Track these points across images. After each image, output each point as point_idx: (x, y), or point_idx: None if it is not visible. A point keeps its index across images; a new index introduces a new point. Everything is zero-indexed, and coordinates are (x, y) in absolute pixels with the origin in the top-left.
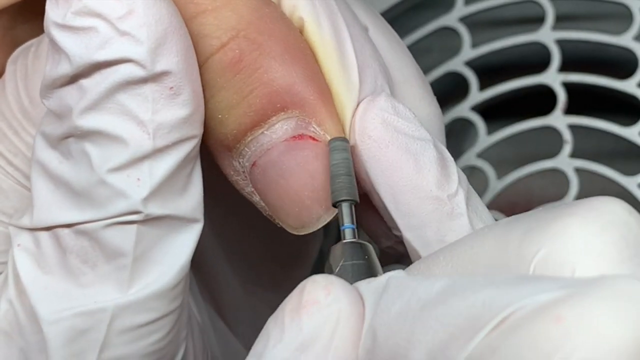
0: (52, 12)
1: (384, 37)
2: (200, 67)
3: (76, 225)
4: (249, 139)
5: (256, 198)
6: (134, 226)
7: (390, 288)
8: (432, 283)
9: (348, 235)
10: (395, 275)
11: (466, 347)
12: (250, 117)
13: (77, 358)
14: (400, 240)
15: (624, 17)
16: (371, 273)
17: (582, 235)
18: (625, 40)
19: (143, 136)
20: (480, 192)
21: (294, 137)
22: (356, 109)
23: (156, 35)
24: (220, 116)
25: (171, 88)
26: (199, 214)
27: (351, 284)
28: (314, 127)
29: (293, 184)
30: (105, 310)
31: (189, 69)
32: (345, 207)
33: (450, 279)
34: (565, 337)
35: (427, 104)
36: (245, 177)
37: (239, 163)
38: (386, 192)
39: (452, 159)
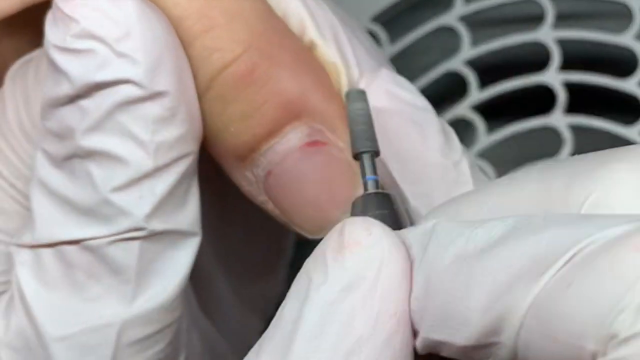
0: (52, 35)
1: None
2: (212, 80)
3: (80, 242)
4: (264, 148)
5: (270, 206)
6: (137, 242)
7: (439, 233)
8: (490, 228)
9: (371, 187)
10: (441, 221)
11: (535, 284)
12: (264, 127)
13: None
14: None
15: (624, 17)
16: (399, 223)
17: (632, 180)
18: (625, 39)
19: (144, 156)
20: None
21: (308, 143)
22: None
23: (153, 56)
24: (233, 129)
25: (169, 108)
26: (197, 227)
27: None
28: (327, 133)
29: (310, 189)
30: (112, 325)
31: (185, 88)
32: (366, 159)
33: (507, 223)
34: None
35: None
36: (259, 187)
37: (253, 173)
38: (393, 161)
39: (452, 129)
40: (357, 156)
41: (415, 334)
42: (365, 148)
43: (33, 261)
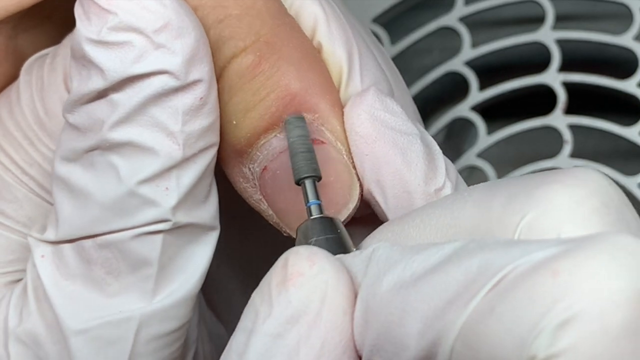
0: (85, 29)
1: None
2: (222, 69)
3: (101, 236)
4: (262, 142)
5: (264, 206)
6: (160, 236)
7: (378, 260)
8: (427, 255)
9: (315, 211)
10: (381, 246)
11: (464, 310)
12: (265, 120)
13: None
14: None
15: (624, 17)
16: (344, 246)
17: (566, 202)
18: (625, 40)
19: (173, 147)
20: None
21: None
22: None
23: (190, 46)
24: (235, 121)
25: (201, 98)
26: (217, 221)
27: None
28: (326, 133)
29: None
30: (132, 320)
31: (214, 77)
32: (308, 184)
33: (444, 250)
34: (564, 290)
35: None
36: (254, 184)
37: (250, 169)
38: (376, 186)
39: (439, 151)
40: (299, 182)
41: (359, 357)
42: (307, 173)
43: (53, 255)
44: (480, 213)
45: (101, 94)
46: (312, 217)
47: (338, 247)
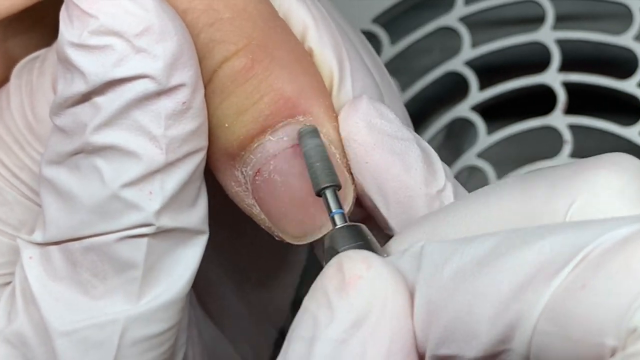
0: (68, 32)
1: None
2: (213, 73)
3: (86, 239)
4: (255, 145)
5: (256, 210)
6: (145, 239)
7: (430, 255)
8: (482, 241)
9: (340, 220)
10: (428, 242)
11: (546, 288)
12: (259, 123)
13: None
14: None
15: (624, 17)
16: (375, 253)
17: (615, 185)
18: (625, 40)
19: (156, 151)
20: None
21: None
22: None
23: (172, 50)
24: (227, 124)
25: (184, 103)
26: (206, 226)
27: None
28: (320, 135)
29: (298, 190)
30: (117, 322)
31: (199, 82)
32: (329, 193)
33: (500, 235)
34: None
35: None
36: (247, 188)
37: (242, 173)
38: (376, 193)
39: (435, 154)
40: (319, 193)
41: (421, 355)
42: (327, 183)
43: (41, 257)
44: (523, 203)
45: (85, 97)
46: (338, 227)
47: None
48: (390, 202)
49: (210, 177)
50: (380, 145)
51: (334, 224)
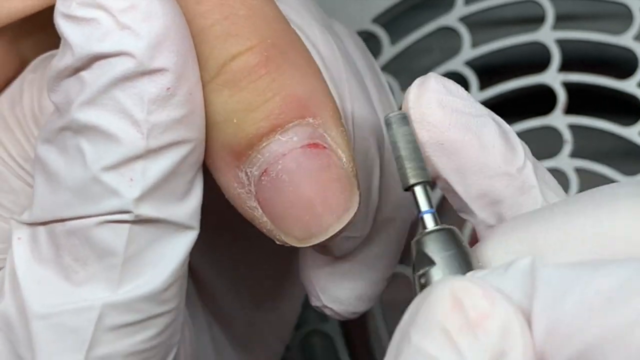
0: (61, 4)
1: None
2: (224, 65)
3: (69, 221)
4: (264, 144)
5: (257, 213)
6: (127, 226)
7: (547, 281)
8: (610, 272)
9: (430, 222)
10: (542, 265)
11: None
12: (270, 121)
13: (64, 355)
14: None
15: (624, 17)
16: (467, 260)
17: None
18: (625, 40)
19: (137, 135)
20: None
21: (310, 145)
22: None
23: (156, 31)
24: (236, 120)
25: (168, 88)
26: (196, 222)
27: (462, 274)
28: (328, 139)
29: (306, 191)
30: (93, 309)
31: (187, 71)
32: (419, 190)
33: (631, 267)
34: None
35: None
36: (250, 190)
37: (246, 174)
38: (454, 176)
39: (512, 130)
40: (409, 189)
41: None
42: (418, 179)
43: (29, 238)
44: (637, 218)
45: (73, 72)
46: (428, 230)
47: (462, 261)
48: (469, 183)
49: (207, 180)
50: (456, 125)
51: (424, 226)
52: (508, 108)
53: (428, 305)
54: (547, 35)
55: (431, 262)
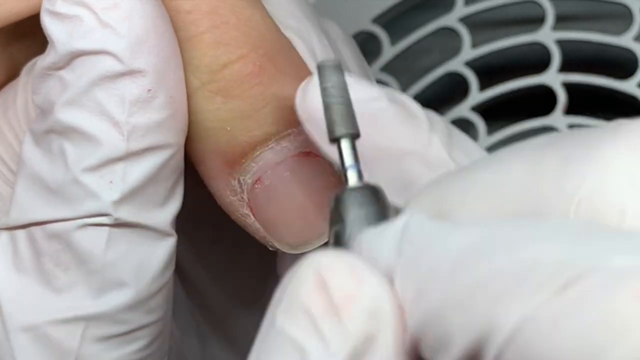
0: (47, 1)
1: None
2: (215, 73)
3: (48, 224)
4: (257, 153)
5: (250, 220)
6: (106, 229)
7: (412, 237)
8: (468, 232)
9: (353, 178)
10: (414, 220)
11: (513, 313)
12: (263, 130)
13: None
14: None
15: (624, 17)
16: (383, 221)
17: (629, 169)
18: (625, 40)
19: (117, 137)
20: None
21: (303, 153)
22: None
23: (137, 31)
24: (229, 128)
25: (149, 90)
26: (171, 229)
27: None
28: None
29: (299, 198)
30: (78, 320)
31: (169, 74)
32: (345, 143)
33: (488, 227)
34: None
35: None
36: (242, 197)
37: (239, 181)
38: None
39: (414, 103)
40: (334, 140)
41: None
42: (346, 130)
43: (8, 244)
44: (531, 178)
45: (55, 70)
46: (349, 187)
47: (381, 220)
48: (374, 172)
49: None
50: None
51: (346, 181)
52: (508, 108)
53: (293, 284)
54: (547, 35)
55: (341, 220)
